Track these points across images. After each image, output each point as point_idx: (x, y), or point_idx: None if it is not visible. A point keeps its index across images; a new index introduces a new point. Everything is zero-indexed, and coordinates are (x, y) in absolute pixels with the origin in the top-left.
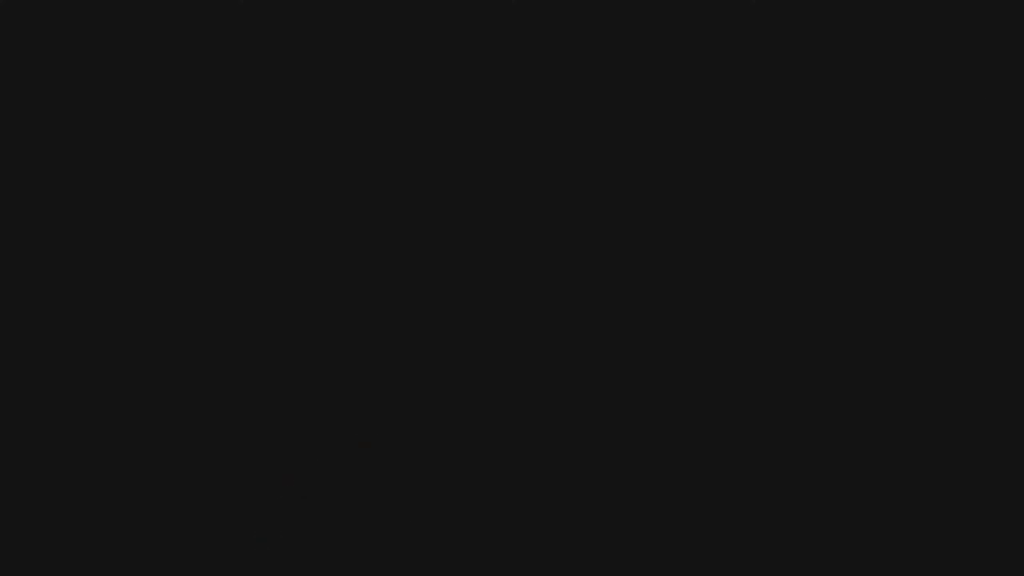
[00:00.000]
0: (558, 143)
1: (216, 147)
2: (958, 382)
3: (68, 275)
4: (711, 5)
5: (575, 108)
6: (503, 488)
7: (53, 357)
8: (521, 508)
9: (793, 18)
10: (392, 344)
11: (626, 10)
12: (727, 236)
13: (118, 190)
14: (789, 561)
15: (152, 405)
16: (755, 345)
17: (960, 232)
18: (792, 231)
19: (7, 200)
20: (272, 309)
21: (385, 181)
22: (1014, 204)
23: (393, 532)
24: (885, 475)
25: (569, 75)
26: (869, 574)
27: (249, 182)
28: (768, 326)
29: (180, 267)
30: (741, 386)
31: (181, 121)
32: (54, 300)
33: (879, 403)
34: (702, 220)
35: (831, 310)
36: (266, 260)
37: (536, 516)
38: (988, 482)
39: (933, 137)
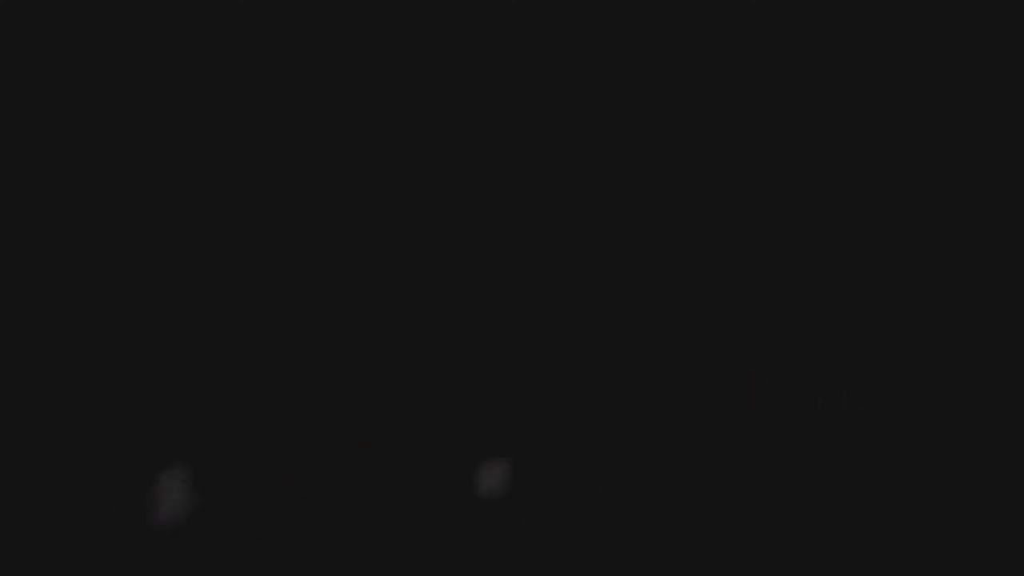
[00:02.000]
0: (558, 142)
1: (216, 147)
2: (956, 382)
3: (68, 276)
4: (711, 5)
5: (575, 107)
6: (503, 488)
7: (52, 357)
8: (521, 508)
9: (793, 18)
10: (392, 344)
11: (626, 10)
12: (727, 236)
13: (118, 190)
14: (786, 561)
15: (152, 405)
16: (751, 341)
17: (959, 232)
18: (792, 231)
19: (7, 200)
20: (272, 309)
21: (385, 181)
22: (1014, 203)
23: (393, 532)
24: (885, 474)
25: (569, 75)
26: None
27: (249, 182)
28: (767, 325)
29: (180, 267)
30: (739, 384)
31: (181, 121)
32: (53, 300)
33: (879, 402)
34: (702, 219)
35: (831, 309)
36: (267, 260)
37: (535, 516)
38: (986, 481)
39: (933, 137)
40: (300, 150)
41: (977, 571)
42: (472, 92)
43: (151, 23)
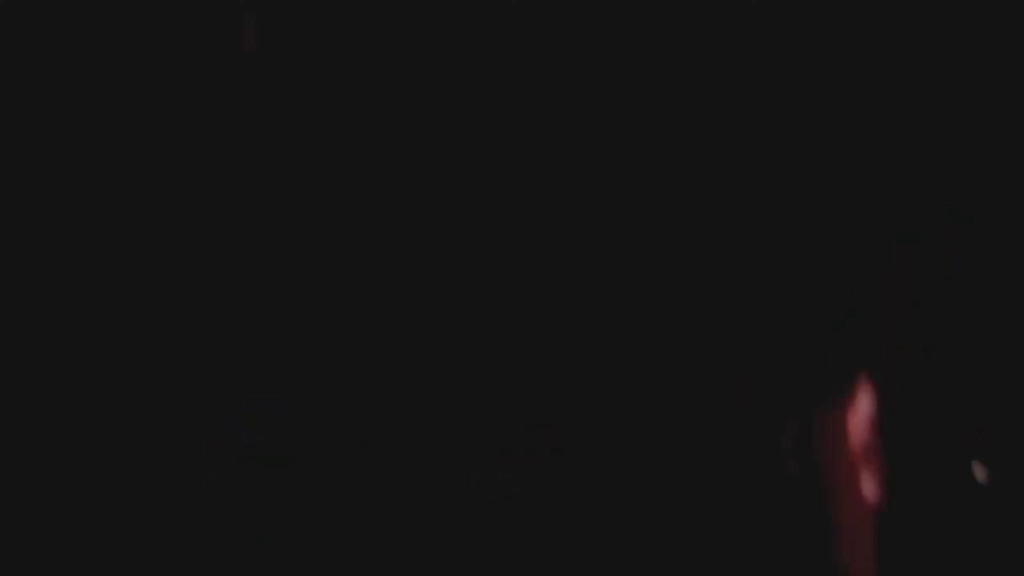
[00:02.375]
0: (557, 143)
1: (216, 147)
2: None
3: (67, 276)
4: (711, 4)
5: (574, 107)
6: (504, 488)
7: (51, 357)
8: (521, 509)
9: (793, 18)
10: (391, 344)
11: (626, 9)
12: (727, 235)
13: (118, 190)
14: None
15: (151, 405)
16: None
17: (959, 232)
18: (792, 231)
19: (7, 200)
20: (270, 308)
21: (384, 181)
22: (1013, 204)
23: (393, 532)
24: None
25: (568, 74)
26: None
27: (249, 182)
28: (767, 324)
29: (180, 268)
30: (739, 384)
31: (181, 120)
32: (52, 300)
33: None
34: (702, 220)
35: (830, 308)
36: (267, 260)
37: (536, 517)
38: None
39: (933, 137)
40: (300, 150)
41: (977, 571)
42: (472, 92)
43: (151, 22)
